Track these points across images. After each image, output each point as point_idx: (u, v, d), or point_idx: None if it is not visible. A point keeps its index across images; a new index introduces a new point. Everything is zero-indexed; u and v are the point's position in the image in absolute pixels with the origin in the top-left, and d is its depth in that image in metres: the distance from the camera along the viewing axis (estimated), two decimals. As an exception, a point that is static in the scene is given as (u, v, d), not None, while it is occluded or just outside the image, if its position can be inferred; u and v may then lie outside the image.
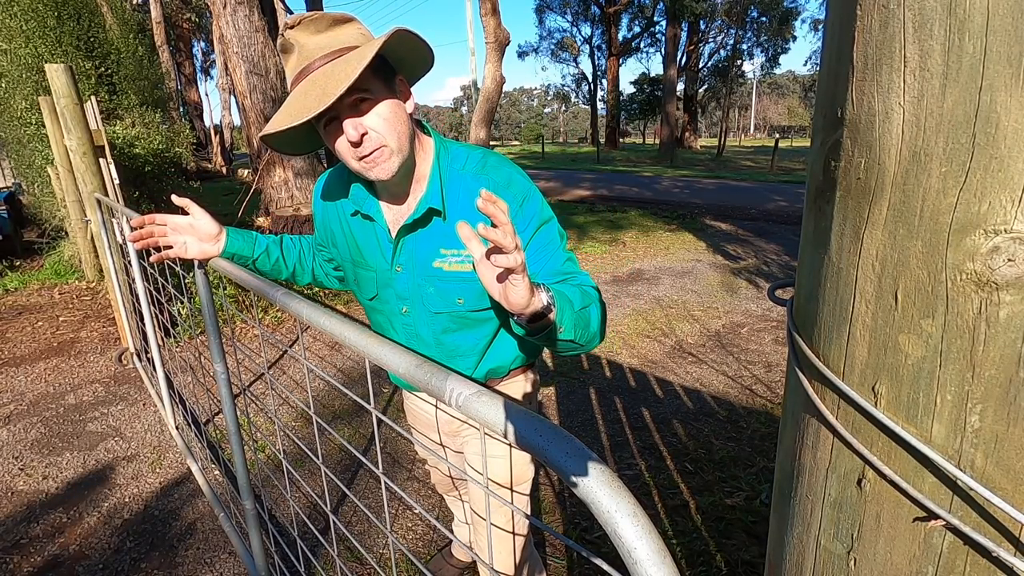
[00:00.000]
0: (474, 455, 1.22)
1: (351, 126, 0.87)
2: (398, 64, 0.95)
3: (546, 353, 3.54)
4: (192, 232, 1.16)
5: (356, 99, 0.87)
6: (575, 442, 0.49)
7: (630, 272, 5.45)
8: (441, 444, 1.34)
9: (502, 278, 0.72)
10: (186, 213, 1.16)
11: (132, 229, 1.18)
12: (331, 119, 0.88)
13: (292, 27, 0.88)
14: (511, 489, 1.20)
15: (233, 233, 1.19)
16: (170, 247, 1.16)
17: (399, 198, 1.02)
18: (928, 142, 0.39)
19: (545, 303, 0.77)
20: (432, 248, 1.01)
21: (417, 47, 0.93)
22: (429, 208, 0.97)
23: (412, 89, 1.00)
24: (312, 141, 1.03)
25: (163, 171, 5.70)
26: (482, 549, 1.28)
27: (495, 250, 0.69)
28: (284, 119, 0.85)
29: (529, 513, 0.60)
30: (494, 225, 0.67)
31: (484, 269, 0.73)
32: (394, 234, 1.02)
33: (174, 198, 1.14)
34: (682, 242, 6.66)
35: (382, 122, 0.89)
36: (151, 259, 1.19)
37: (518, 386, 1.21)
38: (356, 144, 0.88)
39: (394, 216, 1.04)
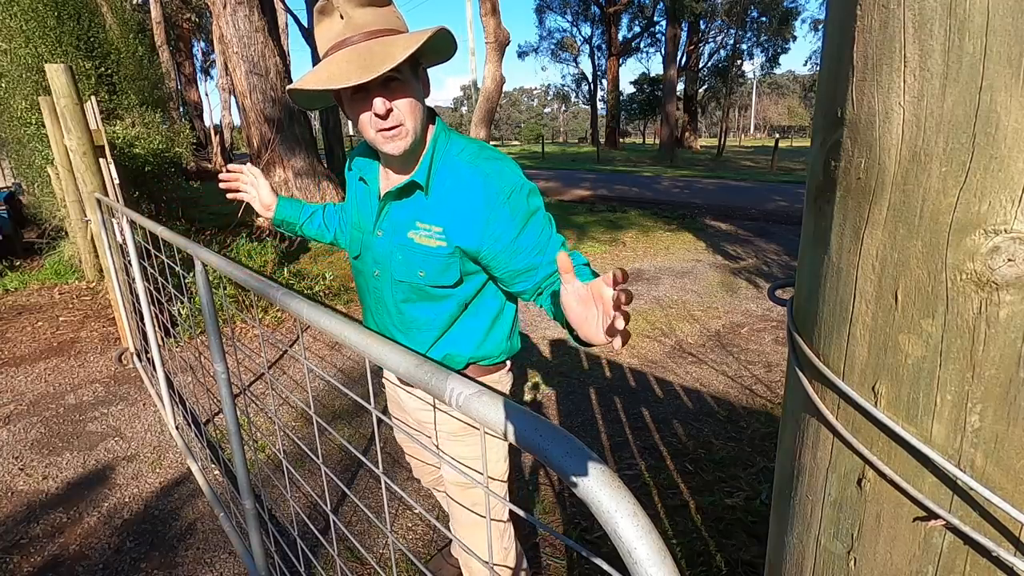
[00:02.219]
0: (441, 444, 1.23)
1: (380, 102, 0.95)
2: (421, 54, 1.02)
3: (546, 351, 3.54)
4: (258, 192, 1.37)
5: (388, 78, 0.95)
6: (575, 442, 0.49)
7: (630, 272, 5.45)
8: (414, 436, 1.34)
9: (592, 317, 0.79)
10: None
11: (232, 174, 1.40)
12: (360, 90, 0.96)
13: None
14: (485, 475, 1.20)
15: (284, 202, 1.38)
16: (245, 193, 1.37)
17: (399, 171, 1.10)
18: (928, 142, 0.39)
19: None
20: (410, 219, 1.08)
21: (446, 46, 1.03)
22: (413, 181, 1.05)
23: None
24: (324, 100, 1.12)
25: (163, 171, 5.71)
26: (460, 538, 1.28)
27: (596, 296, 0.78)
28: (322, 79, 0.92)
29: (507, 500, 0.60)
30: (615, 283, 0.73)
31: (572, 301, 0.80)
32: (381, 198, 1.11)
33: (231, 165, 1.37)
34: (682, 242, 6.66)
35: (406, 104, 0.98)
36: (228, 195, 1.39)
37: (493, 384, 1.23)
38: (382, 117, 0.97)
39: (387, 184, 1.12)
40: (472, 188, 1.02)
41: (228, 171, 1.39)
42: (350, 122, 1.06)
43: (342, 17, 0.95)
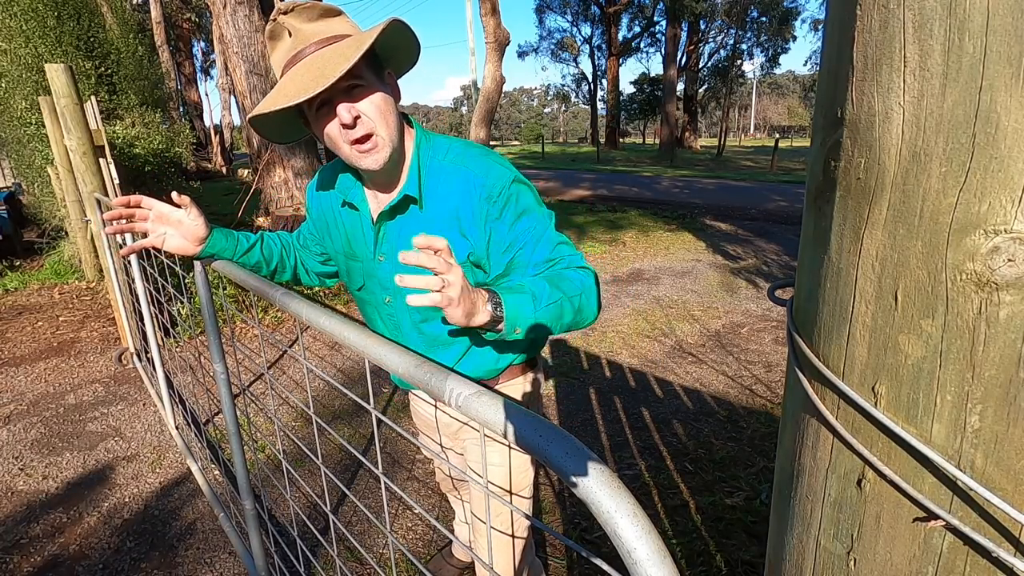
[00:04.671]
0: (474, 462, 1.22)
1: (345, 109, 0.88)
2: (385, 58, 0.97)
3: (546, 351, 3.54)
4: (177, 227, 1.08)
5: (350, 85, 0.88)
6: (575, 442, 0.49)
7: (630, 272, 5.45)
8: (442, 446, 1.34)
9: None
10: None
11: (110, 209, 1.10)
12: (323, 103, 0.89)
13: (285, 13, 0.90)
14: (511, 492, 1.20)
15: (218, 235, 1.14)
16: (145, 235, 1.09)
17: (385, 188, 1.04)
18: (928, 142, 0.39)
19: (489, 317, 0.80)
20: (409, 237, 1.01)
21: (407, 39, 0.95)
22: (405, 195, 0.99)
23: (403, 88, 1.02)
24: (296, 129, 1.03)
25: (163, 171, 5.71)
26: (482, 553, 1.28)
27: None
28: (278, 99, 0.86)
29: (529, 516, 0.59)
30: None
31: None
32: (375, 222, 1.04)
33: (174, 195, 1.07)
34: (682, 242, 6.66)
35: (374, 109, 0.91)
36: (120, 252, 1.14)
37: (518, 387, 1.21)
38: (349, 127, 0.89)
39: (378, 205, 1.05)
40: (464, 189, 0.97)
41: (114, 206, 1.07)
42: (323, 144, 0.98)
43: (291, 34, 0.90)
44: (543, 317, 0.86)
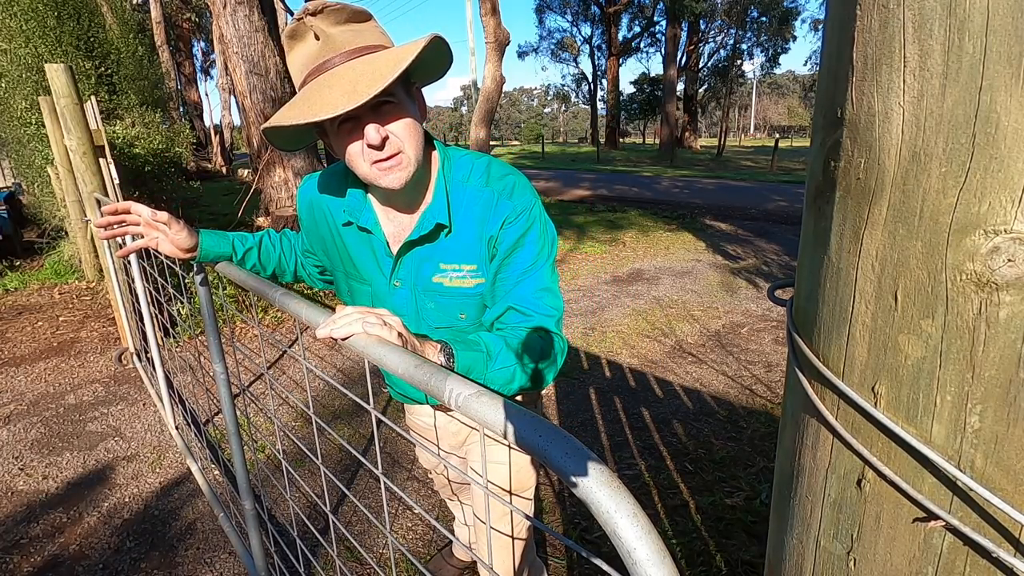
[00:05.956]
0: (477, 462, 1.22)
1: (373, 129, 0.83)
2: (413, 71, 0.90)
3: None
4: (165, 233, 1.10)
5: (380, 102, 0.83)
6: (575, 442, 0.49)
7: (630, 272, 5.45)
8: (440, 449, 1.34)
9: None
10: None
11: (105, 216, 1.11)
12: (348, 119, 0.84)
13: (314, 14, 0.83)
14: (511, 493, 1.20)
15: (208, 241, 1.13)
16: (140, 237, 1.11)
17: (403, 208, 0.99)
18: (928, 142, 0.39)
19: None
20: (432, 263, 0.98)
21: (442, 57, 0.90)
22: (437, 224, 0.94)
23: None
24: (307, 137, 0.98)
25: (163, 171, 5.70)
26: (483, 553, 1.28)
27: None
28: (304, 112, 0.80)
29: (530, 517, 0.58)
30: None
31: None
32: (394, 248, 0.99)
33: (152, 214, 1.10)
34: (682, 242, 6.66)
35: (403, 128, 0.86)
36: (117, 254, 1.16)
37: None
38: (377, 147, 0.84)
39: (394, 229, 1.00)
40: (489, 212, 0.94)
41: (104, 213, 1.10)
42: (337, 156, 0.92)
43: (317, 38, 0.83)
44: (493, 379, 0.84)
